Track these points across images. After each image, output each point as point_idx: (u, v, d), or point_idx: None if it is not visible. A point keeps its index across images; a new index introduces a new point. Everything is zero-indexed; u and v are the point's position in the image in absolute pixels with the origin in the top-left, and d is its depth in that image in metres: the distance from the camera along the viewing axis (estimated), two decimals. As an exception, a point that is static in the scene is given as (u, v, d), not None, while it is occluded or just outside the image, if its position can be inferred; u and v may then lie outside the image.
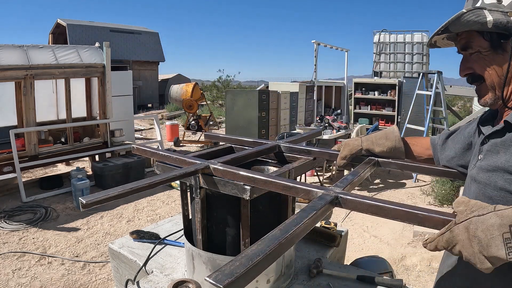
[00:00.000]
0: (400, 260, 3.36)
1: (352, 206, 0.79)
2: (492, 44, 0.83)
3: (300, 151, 1.30)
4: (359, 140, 1.18)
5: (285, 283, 1.20)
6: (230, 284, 0.49)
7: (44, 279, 2.98)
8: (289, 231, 0.64)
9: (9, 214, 4.26)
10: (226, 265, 0.53)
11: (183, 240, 1.36)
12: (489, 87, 0.86)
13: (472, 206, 0.67)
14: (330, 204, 0.78)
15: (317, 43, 8.04)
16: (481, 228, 0.62)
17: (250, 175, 0.94)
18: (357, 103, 9.81)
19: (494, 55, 0.83)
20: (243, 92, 7.69)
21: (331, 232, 1.50)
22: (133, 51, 19.64)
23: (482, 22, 0.79)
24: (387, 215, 0.74)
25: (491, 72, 0.84)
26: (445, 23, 0.84)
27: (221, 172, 1.00)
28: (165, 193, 5.26)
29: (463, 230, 0.65)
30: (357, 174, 1.00)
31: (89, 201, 0.78)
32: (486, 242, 0.61)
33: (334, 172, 6.16)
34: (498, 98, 0.86)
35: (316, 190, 0.83)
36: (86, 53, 5.53)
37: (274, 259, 0.61)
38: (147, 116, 12.99)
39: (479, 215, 0.64)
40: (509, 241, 0.60)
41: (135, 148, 1.25)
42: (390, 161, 1.13)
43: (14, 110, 5.01)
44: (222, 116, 12.69)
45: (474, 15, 0.80)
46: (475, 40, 0.85)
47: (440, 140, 1.13)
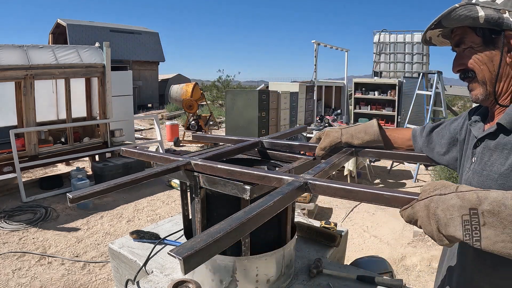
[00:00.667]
0: (400, 260, 3.36)
1: (320, 190, 0.82)
2: (484, 39, 0.83)
3: (281, 146, 1.34)
4: (339, 133, 1.21)
5: (285, 283, 1.20)
6: (188, 256, 0.52)
7: (44, 279, 2.98)
8: (252, 213, 0.67)
9: (9, 214, 4.26)
10: (189, 241, 0.56)
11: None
12: (480, 82, 0.86)
13: (435, 185, 0.69)
14: (299, 189, 0.82)
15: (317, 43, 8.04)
16: (442, 207, 0.65)
17: (227, 167, 0.98)
18: (357, 103, 9.81)
19: (486, 51, 0.83)
20: (243, 92, 7.68)
21: (331, 232, 1.50)
22: (133, 51, 19.64)
23: (474, 17, 0.80)
24: (355, 197, 0.77)
25: (483, 68, 0.84)
26: (438, 17, 0.85)
27: (201, 167, 1.04)
28: (165, 193, 5.26)
29: (424, 208, 0.67)
30: (330, 162, 1.04)
31: (75, 195, 0.83)
32: (445, 221, 0.64)
33: (334, 172, 6.16)
34: (489, 94, 0.86)
35: (287, 178, 0.87)
36: (86, 53, 5.53)
37: (236, 237, 0.63)
38: (147, 116, 12.99)
39: (441, 194, 0.66)
40: (467, 223, 0.61)
41: (123, 151, 1.29)
42: (368, 151, 1.18)
43: (14, 110, 5.00)
44: (222, 116, 12.69)
45: (466, 9, 0.80)
46: (468, 35, 0.86)
47: (425, 132, 1.14)
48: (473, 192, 0.63)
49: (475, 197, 0.62)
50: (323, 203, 4.81)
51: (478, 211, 0.61)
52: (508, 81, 0.84)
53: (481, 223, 0.61)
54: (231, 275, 1.09)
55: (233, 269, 1.09)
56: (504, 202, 0.59)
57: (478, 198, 0.62)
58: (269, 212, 0.71)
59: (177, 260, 0.52)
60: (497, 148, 0.81)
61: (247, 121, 6.92)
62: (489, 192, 0.62)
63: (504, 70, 0.83)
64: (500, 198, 0.60)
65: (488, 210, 0.60)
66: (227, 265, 1.09)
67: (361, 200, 0.77)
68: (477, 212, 0.61)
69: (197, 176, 1.05)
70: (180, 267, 0.53)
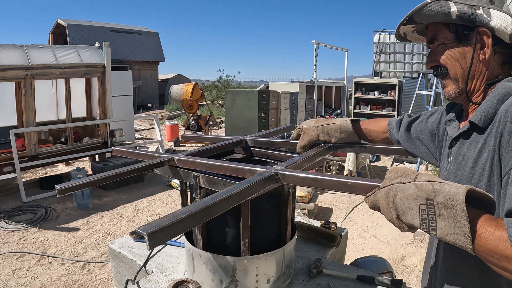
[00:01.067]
0: (400, 260, 3.36)
1: (290, 180, 0.86)
2: (457, 36, 0.82)
3: (264, 143, 1.39)
4: (316, 131, 1.26)
5: (285, 283, 1.20)
6: (153, 233, 0.57)
7: (44, 279, 2.98)
8: (218, 198, 0.71)
9: (9, 214, 4.26)
10: (156, 220, 0.61)
11: (183, 240, 1.36)
12: (452, 79, 0.86)
13: (397, 173, 0.70)
14: (269, 179, 0.86)
15: (317, 43, 8.05)
16: (400, 196, 0.66)
17: (206, 162, 1.03)
18: (357, 103, 9.81)
19: (458, 47, 0.83)
20: (243, 92, 7.68)
21: (331, 232, 1.50)
22: (133, 51, 19.64)
23: (446, 13, 0.79)
24: (321, 185, 0.81)
25: (455, 64, 0.84)
26: (410, 12, 0.84)
27: (183, 162, 1.09)
28: (165, 193, 5.26)
29: (384, 195, 0.69)
30: (305, 155, 1.06)
31: (63, 187, 0.89)
32: (403, 209, 0.66)
33: (334, 172, 6.16)
34: (462, 91, 0.85)
35: (259, 169, 0.92)
36: (86, 53, 5.53)
37: (201, 220, 0.67)
38: (147, 116, 12.99)
39: (401, 183, 0.67)
40: (424, 213, 0.63)
41: (114, 150, 1.34)
42: (346, 145, 1.24)
43: (14, 110, 5.00)
44: (222, 116, 12.69)
45: (438, 5, 0.80)
46: (441, 32, 0.85)
47: (403, 127, 1.14)
48: (429, 183, 0.64)
49: (431, 188, 0.63)
50: (323, 203, 4.81)
51: (434, 202, 0.62)
52: (480, 78, 0.83)
53: (436, 214, 0.62)
54: (231, 275, 1.09)
55: (233, 269, 1.09)
56: (455, 196, 0.60)
57: (434, 189, 0.62)
58: (235, 199, 0.75)
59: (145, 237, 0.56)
60: (470, 147, 0.81)
61: (247, 121, 6.92)
62: (444, 185, 0.62)
63: (477, 67, 0.82)
64: (453, 192, 0.60)
65: (442, 203, 0.61)
66: (227, 265, 1.09)
67: (328, 188, 0.80)
68: (433, 203, 0.62)
69: (197, 176, 1.05)
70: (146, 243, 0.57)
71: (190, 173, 1.05)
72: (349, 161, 5.35)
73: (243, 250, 1.07)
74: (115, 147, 1.35)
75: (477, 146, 0.78)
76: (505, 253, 0.59)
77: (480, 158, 0.77)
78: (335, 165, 6.17)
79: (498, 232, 0.60)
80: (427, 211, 0.63)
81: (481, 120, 0.78)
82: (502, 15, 0.78)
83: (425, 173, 0.68)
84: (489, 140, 0.75)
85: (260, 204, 1.09)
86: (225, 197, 0.72)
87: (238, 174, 0.96)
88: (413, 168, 5.00)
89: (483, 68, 0.82)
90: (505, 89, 0.78)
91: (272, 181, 0.87)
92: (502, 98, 0.77)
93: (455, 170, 0.84)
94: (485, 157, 0.76)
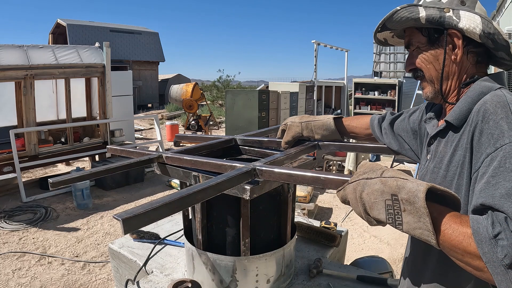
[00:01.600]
0: (400, 260, 3.36)
1: (266, 175, 0.89)
2: (429, 39, 0.85)
3: (252, 142, 1.42)
4: (300, 127, 1.27)
5: (285, 283, 1.20)
6: (127, 219, 0.60)
7: (44, 279, 2.98)
8: (193, 190, 0.74)
9: (9, 214, 4.26)
10: (132, 208, 0.65)
11: (183, 240, 1.36)
12: (428, 80, 0.88)
13: (366, 168, 0.72)
14: (246, 174, 0.89)
15: (317, 43, 8.05)
16: (367, 191, 0.68)
17: (191, 158, 1.06)
18: (357, 103, 9.81)
19: (431, 50, 0.85)
20: (243, 92, 7.68)
21: (331, 232, 1.50)
22: (133, 51, 19.64)
23: (415, 18, 0.81)
24: (296, 180, 0.83)
25: (429, 67, 0.86)
26: (382, 20, 0.87)
27: (170, 159, 1.13)
28: (165, 193, 5.26)
29: (352, 190, 0.71)
30: (287, 153, 1.08)
31: (55, 180, 0.95)
32: (369, 204, 0.68)
33: (334, 172, 6.16)
34: (437, 92, 0.87)
35: (239, 165, 0.95)
36: (86, 53, 5.53)
37: (176, 209, 0.70)
38: (147, 116, 12.98)
39: (368, 178, 0.69)
40: (390, 208, 0.64)
41: (108, 148, 1.38)
42: (329, 144, 1.25)
43: (14, 110, 5.00)
44: (222, 116, 12.69)
45: (407, 11, 0.82)
46: (414, 36, 0.87)
47: (386, 124, 1.15)
48: (394, 179, 0.65)
49: (395, 184, 0.65)
50: (323, 203, 4.81)
51: (398, 197, 0.63)
52: (455, 79, 0.85)
53: (402, 209, 0.63)
54: (231, 275, 1.09)
55: (233, 269, 1.09)
56: (417, 194, 0.61)
57: (398, 186, 0.64)
58: (211, 191, 0.78)
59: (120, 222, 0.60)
60: (446, 145, 0.82)
61: (247, 121, 6.92)
62: (406, 182, 0.64)
63: (450, 68, 0.84)
64: (414, 190, 0.62)
65: (405, 199, 0.63)
66: (227, 265, 1.09)
67: (302, 183, 0.83)
68: (398, 198, 0.63)
69: (197, 176, 1.05)
70: (121, 229, 0.61)
71: (190, 172, 1.06)
72: (349, 160, 5.36)
73: (243, 250, 1.07)
74: (109, 146, 1.40)
75: (453, 144, 0.80)
76: (468, 249, 0.60)
77: (454, 156, 0.78)
78: (335, 165, 6.17)
79: (462, 228, 0.61)
80: (392, 206, 0.64)
81: (456, 119, 0.80)
82: (471, 16, 0.79)
83: (391, 169, 0.70)
84: (463, 138, 0.77)
85: (260, 204, 1.09)
86: (200, 189, 0.75)
87: (221, 170, 0.99)
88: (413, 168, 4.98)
89: (456, 69, 0.84)
90: (480, 88, 0.79)
91: (250, 176, 0.90)
92: (477, 97, 0.78)
93: (432, 167, 0.86)
94: (459, 155, 0.77)
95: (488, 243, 0.58)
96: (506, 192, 0.61)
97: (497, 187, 0.62)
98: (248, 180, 0.91)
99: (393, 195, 0.64)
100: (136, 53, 19.76)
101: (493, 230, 0.58)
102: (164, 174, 1.17)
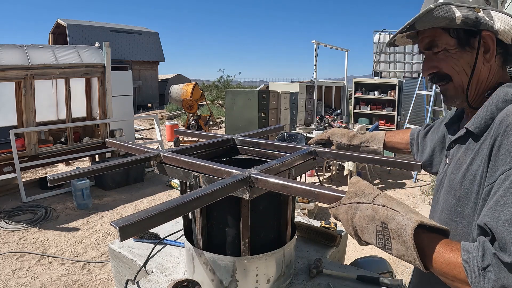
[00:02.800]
0: (400, 260, 3.36)
1: (262, 184, 0.89)
2: (459, 41, 0.79)
3: (250, 143, 1.41)
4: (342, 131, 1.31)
5: (285, 283, 1.20)
6: (124, 227, 0.62)
7: (44, 279, 2.98)
8: (188, 198, 0.75)
9: (9, 214, 4.26)
10: (128, 215, 0.66)
11: (183, 240, 1.36)
12: (456, 86, 0.83)
13: (357, 190, 0.72)
14: (242, 182, 0.89)
15: (317, 43, 8.05)
16: (358, 216, 0.69)
17: (188, 160, 1.06)
18: (357, 103, 9.80)
19: (462, 53, 0.79)
20: (243, 92, 7.68)
21: (331, 232, 1.50)
22: (133, 51, 19.64)
23: (451, 18, 0.75)
24: (289, 191, 0.85)
25: (459, 70, 0.81)
26: (412, 19, 0.80)
27: (168, 159, 1.13)
28: (165, 193, 5.26)
29: (344, 212, 0.72)
30: (283, 160, 1.07)
31: (54, 177, 0.95)
32: (361, 229, 0.69)
33: (334, 172, 6.16)
34: (463, 97, 0.83)
35: (235, 172, 0.95)
36: (86, 53, 5.53)
37: (171, 217, 0.71)
38: (147, 116, 12.98)
39: (360, 203, 0.70)
40: (380, 233, 0.67)
41: (108, 142, 1.40)
42: (326, 151, 1.23)
43: (14, 110, 5.00)
44: (222, 116, 12.68)
45: (443, 11, 0.75)
46: (440, 37, 0.81)
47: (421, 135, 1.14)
48: (385, 209, 0.66)
49: (385, 214, 0.66)
50: (323, 204, 4.81)
51: (388, 226, 0.65)
52: (483, 82, 0.81)
53: (391, 237, 0.65)
54: (231, 275, 1.09)
55: (233, 269, 1.09)
56: (405, 228, 0.63)
57: (388, 216, 0.66)
58: (206, 199, 0.78)
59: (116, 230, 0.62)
60: (465, 152, 0.80)
61: (247, 121, 6.92)
62: (397, 214, 0.65)
63: (481, 72, 0.80)
64: (403, 224, 0.63)
65: (394, 230, 0.65)
66: (227, 265, 1.09)
67: (295, 195, 0.84)
68: (388, 227, 0.65)
69: (197, 176, 1.05)
70: (117, 236, 0.62)
71: (190, 172, 1.06)
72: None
73: (243, 250, 1.07)
74: (108, 139, 1.40)
75: (472, 153, 0.78)
76: (459, 277, 0.62)
77: (472, 165, 0.77)
78: (335, 165, 6.17)
79: (453, 257, 0.63)
80: (383, 233, 0.66)
81: (477, 128, 0.77)
82: (503, 17, 0.76)
83: (383, 194, 0.70)
84: (483, 148, 0.75)
85: (260, 204, 1.09)
86: (195, 197, 0.75)
87: (217, 174, 0.99)
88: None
89: (486, 72, 0.80)
90: (503, 96, 0.76)
91: (245, 183, 0.90)
92: (499, 105, 0.75)
93: (450, 173, 0.84)
94: (476, 165, 0.75)
95: (477, 274, 0.60)
96: (511, 217, 0.60)
97: (504, 209, 0.62)
98: (242, 187, 0.91)
99: (383, 223, 0.66)
100: (136, 53, 19.76)
101: (482, 262, 0.60)
102: (163, 173, 1.17)
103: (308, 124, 7.72)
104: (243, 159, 1.38)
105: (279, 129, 1.92)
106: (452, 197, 0.82)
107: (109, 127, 5.96)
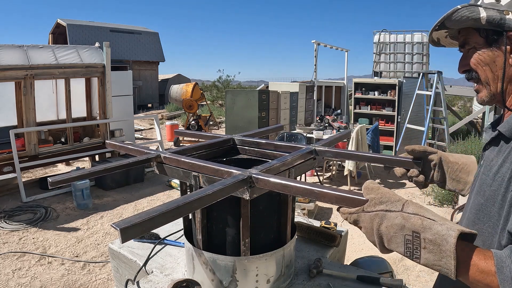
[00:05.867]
0: (400, 260, 3.36)
1: (262, 184, 0.89)
2: (487, 40, 0.83)
3: (250, 143, 1.42)
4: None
5: (285, 283, 1.20)
6: (125, 229, 0.62)
7: (44, 279, 2.98)
8: (189, 198, 0.74)
9: (9, 214, 4.26)
10: (129, 217, 0.66)
11: (183, 240, 1.36)
12: (483, 83, 0.85)
13: (381, 197, 0.71)
14: (243, 182, 0.89)
15: (317, 43, 8.05)
16: (386, 224, 0.68)
17: (188, 161, 1.06)
18: (357, 103, 9.79)
19: (488, 51, 0.83)
20: (243, 92, 7.68)
21: (331, 232, 1.50)
22: (133, 51, 19.63)
23: (476, 18, 0.80)
24: (290, 191, 0.85)
25: (485, 68, 0.84)
26: (441, 18, 0.85)
27: (169, 160, 1.13)
28: (165, 193, 5.26)
29: (368, 220, 0.71)
30: (282, 160, 1.07)
31: (54, 179, 0.96)
32: (388, 238, 0.68)
33: (334, 172, 6.16)
34: (493, 95, 0.85)
35: (236, 172, 0.95)
36: (86, 53, 5.53)
37: (172, 218, 0.72)
38: (147, 116, 12.98)
39: (387, 211, 0.69)
40: (409, 242, 0.66)
41: (107, 143, 1.40)
42: (326, 150, 1.23)
43: (14, 110, 5.00)
44: (222, 116, 12.68)
45: (468, 11, 0.80)
46: (472, 36, 0.85)
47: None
48: (418, 218, 0.66)
49: (420, 223, 0.65)
50: (323, 203, 4.81)
51: (420, 236, 0.64)
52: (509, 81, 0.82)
53: (422, 246, 0.64)
54: (231, 275, 1.09)
55: (233, 269, 1.09)
56: (446, 238, 0.62)
57: (423, 226, 0.65)
58: (207, 200, 0.78)
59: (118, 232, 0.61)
60: (498, 154, 0.81)
61: (247, 121, 6.92)
62: (434, 224, 0.64)
63: (508, 71, 0.81)
64: (444, 233, 0.63)
65: (430, 240, 0.64)
66: (227, 265, 1.09)
67: (295, 194, 0.84)
68: (420, 236, 0.65)
69: (197, 176, 1.05)
70: (119, 237, 0.62)
71: (190, 172, 1.06)
72: (349, 161, 5.35)
73: (243, 250, 1.07)
74: (108, 141, 1.40)
75: (503, 155, 0.78)
76: (492, 285, 0.63)
77: (502, 167, 0.77)
78: (335, 164, 6.17)
79: (486, 265, 0.63)
80: (412, 242, 0.65)
81: (508, 131, 0.78)
82: None
83: (412, 202, 0.69)
84: None
85: (260, 204, 1.09)
86: (196, 198, 0.75)
87: (217, 174, 0.98)
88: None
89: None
90: None
91: (246, 183, 0.90)
92: None
93: (481, 173, 0.85)
94: (506, 167, 0.76)
95: (510, 282, 0.61)
96: None
97: None
98: (243, 187, 0.91)
99: (414, 232, 0.65)
100: (136, 53, 19.76)
101: None
102: (163, 174, 1.17)
103: (308, 124, 7.71)
104: (243, 159, 1.38)
105: (279, 128, 1.92)
106: (481, 197, 0.82)
107: (109, 127, 5.96)
